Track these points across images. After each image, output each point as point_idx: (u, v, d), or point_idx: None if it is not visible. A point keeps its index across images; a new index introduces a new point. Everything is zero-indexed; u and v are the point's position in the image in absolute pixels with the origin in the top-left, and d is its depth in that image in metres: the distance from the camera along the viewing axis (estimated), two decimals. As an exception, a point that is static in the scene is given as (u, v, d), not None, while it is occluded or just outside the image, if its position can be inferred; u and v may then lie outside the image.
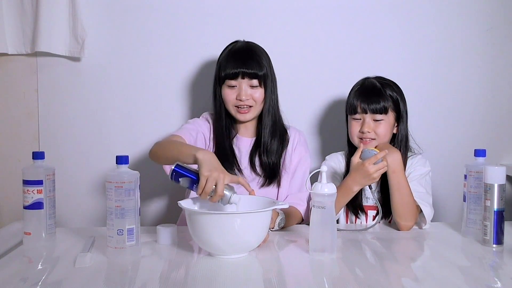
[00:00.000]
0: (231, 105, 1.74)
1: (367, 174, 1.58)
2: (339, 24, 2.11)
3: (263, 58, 1.75)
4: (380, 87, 1.73)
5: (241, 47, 1.76)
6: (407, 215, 1.61)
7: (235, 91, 1.72)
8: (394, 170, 1.62)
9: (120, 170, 1.35)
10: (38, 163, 1.46)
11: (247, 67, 1.70)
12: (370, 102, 1.70)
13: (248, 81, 1.71)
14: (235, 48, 1.76)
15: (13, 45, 2.03)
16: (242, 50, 1.75)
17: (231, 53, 1.74)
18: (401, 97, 1.75)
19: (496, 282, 1.21)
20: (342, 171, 1.80)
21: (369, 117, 1.71)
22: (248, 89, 1.72)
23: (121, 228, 1.32)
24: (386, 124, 1.71)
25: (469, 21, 2.14)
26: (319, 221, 1.34)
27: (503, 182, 1.44)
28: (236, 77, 1.71)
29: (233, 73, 1.70)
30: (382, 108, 1.70)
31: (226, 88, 1.73)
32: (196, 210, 1.36)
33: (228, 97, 1.73)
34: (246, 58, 1.72)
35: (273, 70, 1.79)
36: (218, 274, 1.24)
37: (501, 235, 1.44)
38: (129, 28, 2.07)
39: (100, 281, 1.19)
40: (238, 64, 1.71)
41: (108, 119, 2.09)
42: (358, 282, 1.19)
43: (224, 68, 1.72)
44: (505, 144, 2.19)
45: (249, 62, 1.71)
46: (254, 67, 1.71)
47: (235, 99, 1.72)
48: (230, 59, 1.72)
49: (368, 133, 1.70)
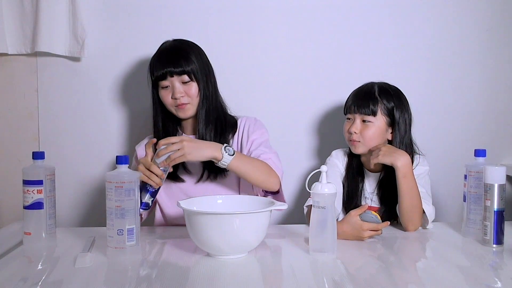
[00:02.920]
0: (171, 106, 1.71)
1: (359, 236, 1.51)
2: (338, 24, 2.11)
3: (190, 53, 1.71)
4: (376, 91, 1.72)
5: (167, 47, 1.74)
6: (416, 218, 1.61)
7: (170, 90, 1.70)
8: (405, 174, 1.59)
9: (120, 170, 1.35)
10: (38, 163, 1.46)
11: (173, 65, 1.68)
12: (360, 102, 1.71)
13: (178, 78, 1.68)
14: (161, 49, 1.75)
15: (13, 45, 2.03)
16: (167, 50, 1.73)
17: (158, 54, 1.74)
18: (398, 105, 1.72)
19: (496, 282, 1.21)
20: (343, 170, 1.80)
21: (358, 117, 1.71)
22: (180, 87, 1.69)
23: (121, 228, 1.32)
24: (375, 128, 1.70)
25: (468, 21, 2.14)
26: (319, 221, 1.34)
27: (503, 182, 1.44)
28: (165, 77, 1.68)
29: (161, 74, 1.68)
30: (370, 110, 1.69)
31: (161, 91, 1.71)
32: (195, 210, 1.35)
33: (166, 99, 1.70)
34: (171, 56, 1.70)
35: (206, 62, 1.75)
36: (218, 274, 1.24)
37: (501, 235, 1.44)
38: (129, 28, 2.07)
39: (100, 281, 1.19)
40: (164, 63, 1.68)
41: (108, 119, 2.09)
42: (358, 282, 1.19)
43: (153, 70, 1.71)
44: (505, 144, 2.19)
45: (175, 59, 1.68)
46: (180, 63, 1.68)
47: (171, 98, 1.70)
48: (157, 60, 1.71)
49: (354, 133, 1.71)
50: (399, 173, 1.60)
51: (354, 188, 1.76)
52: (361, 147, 1.72)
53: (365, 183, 1.77)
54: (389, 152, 1.64)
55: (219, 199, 1.51)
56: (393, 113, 1.71)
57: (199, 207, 1.41)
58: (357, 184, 1.76)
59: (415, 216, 1.61)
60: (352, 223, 1.50)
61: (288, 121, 2.10)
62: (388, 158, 1.63)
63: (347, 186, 1.77)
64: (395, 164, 1.61)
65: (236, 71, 2.07)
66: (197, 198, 1.50)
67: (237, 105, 1.85)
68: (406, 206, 1.60)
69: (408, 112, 1.75)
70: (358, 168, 1.78)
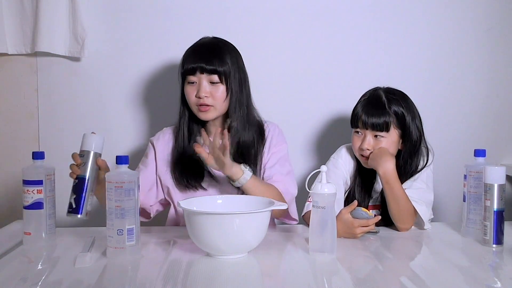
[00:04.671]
0: (193, 104, 1.65)
1: (352, 233, 1.51)
2: (338, 25, 2.11)
3: (226, 54, 1.65)
4: (385, 102, 1.66)
5: (204, 42, 1.69)
6: (405, 219, 1.61)
7: (195, 88, 1.64)
8: (387, 181, 1.59)
9: (120, 170, 1.35)
10: (38, 163, 1.46)
11: (206, 62, 1.61)
12: (371, 118, 1.64)
13: (207, 76, 1.62)
14: (198, 43, 1.69)
15: (13, 45, 2.04)
16: (204, 45, 1.67)
17: (193, 48, 1.68)
18: (408, 113, 1.67)
19: (496, 282, 1.21)
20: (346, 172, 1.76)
21: (370, 133, 1.66)
22: (207, 86, 1.63)
23: (121, 228, 1.32)
24: (388, 141, 1.66)
25: (468, 21, 2.14)
26: (319, 221, 1.34)
27: (503, 182, 1.43)
28: (194, 72, 1.62)
29: (191, 68, 1.62)
30: (383, 124, 1.64)
31: (187, 86, 1.65)
32: (195, 210, 1.35)
33: (190, 95, 1.64)
34: (206, 53, 1.64)
35: (241, 68, 1.70)
36: (218, 274, 1.24)
37: (501, 235, 1.44)
38: (129, 28, 2.07)
39: (100, 281, 1.19)
40: (197, 58, 1.63)
41: (108, 119, 2.09)
42: (358, 282, 1.19)
43: (184, 62, 1.65)
44: (505, 144, 2.19)
45: (209, 57, 1.62)
46: (213, 62, 1.62)
47: (195, 97, 1.64)
48: (191, 54, 1.66)
49: (367, 150, 1.66)
50: (382, 179, 1.60)
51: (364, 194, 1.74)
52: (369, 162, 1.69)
53: (376, 182, 1.75)
54: (375, 156, 1.63)
55: (219, 199, 1.51)
56: (405, 125, 1.66)
57: (199, 207, 1.41)
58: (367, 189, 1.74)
59: (403, 218, 1.60)
60: (344, 221, 1.49)
61: (288, 121, 2.10)
62: (373, 163, 1.63)
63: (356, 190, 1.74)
64: (377, 170, 1.61)
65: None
66: (197, 198, 1.50)
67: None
68: (393, 209, 1.60)
69: (419, 117, 1.70)
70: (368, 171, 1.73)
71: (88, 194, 1.37)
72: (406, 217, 1.60)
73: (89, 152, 1.40)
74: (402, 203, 1.59)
